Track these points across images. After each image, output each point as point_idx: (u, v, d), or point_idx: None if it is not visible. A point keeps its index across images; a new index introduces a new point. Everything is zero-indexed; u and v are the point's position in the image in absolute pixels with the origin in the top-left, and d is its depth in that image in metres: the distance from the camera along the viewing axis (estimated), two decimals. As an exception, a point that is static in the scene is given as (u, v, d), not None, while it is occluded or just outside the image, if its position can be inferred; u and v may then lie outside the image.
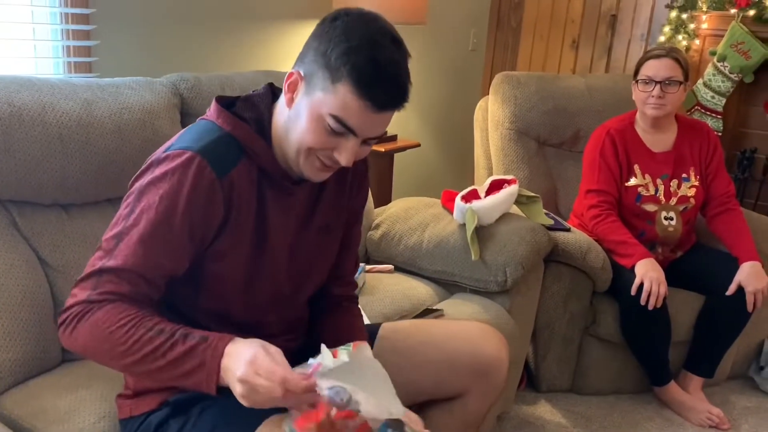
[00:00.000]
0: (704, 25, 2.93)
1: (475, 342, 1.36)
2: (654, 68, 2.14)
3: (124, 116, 1.55)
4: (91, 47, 2.09)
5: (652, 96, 2.13)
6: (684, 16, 2.92)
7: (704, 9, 2.88)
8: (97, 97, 1.53)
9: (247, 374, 0.94)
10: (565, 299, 2.14)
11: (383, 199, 2.70)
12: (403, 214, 2.13)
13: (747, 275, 2.06)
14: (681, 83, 2.13)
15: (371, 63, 0.99)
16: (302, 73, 1.05)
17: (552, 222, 2.09)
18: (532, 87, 2.59)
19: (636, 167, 2.21)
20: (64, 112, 1.45)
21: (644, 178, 2.20)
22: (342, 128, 1.03)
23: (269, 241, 1.15)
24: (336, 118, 1.02)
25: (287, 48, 2.70)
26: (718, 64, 2.83)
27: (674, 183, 2.21)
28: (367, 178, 1.34)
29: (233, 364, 0.96)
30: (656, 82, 2.12)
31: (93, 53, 2.10)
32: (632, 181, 2.20)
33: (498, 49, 3.69)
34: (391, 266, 2.06)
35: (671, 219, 2.19)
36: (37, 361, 1.37)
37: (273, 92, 1.17)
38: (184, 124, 1.72)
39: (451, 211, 2.02)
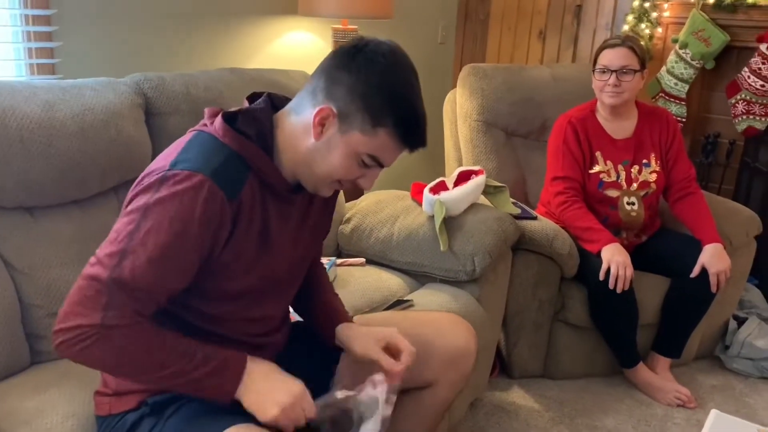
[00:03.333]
0: (666, 14, 2.98)
1: (444, 333, 1.39)
2: (609, 58, 2.18)
3: (86, 117, 1.54)
4: (54, 48, 2.07)
5: (609, 84, 2.18)
6: (647, 4, 2.96)
7: (666, -3, 2.93)
8: (59, 98, 1.53)
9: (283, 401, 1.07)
10: (534, 286, 2.17)
11: (355, 193, 2.71)
12: (374, 208, 2.15)
13: (710, 257, 2.11)
14: (636, 71, 2.18)
15: (413, 114, 1.08)
16: (335, 110, 1.07)
17: (519, 211, 2.12)
18: (498, 78, 2.62)
19: (598, 154, 2.25)
20: (25, 115, 1.44)
21: (606, 165, 2.25)
22: (374, 163, 1.11)
23: (272, 249, 1.17)
24: (373, 157, 1.10)
25: (252, 45, 2.70)
26: (680, 52, 2.88)
27: (635, 169, 2.26)
28: None
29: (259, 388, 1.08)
30: (612, 71, 2.17)
31: (56, 54, 2.09)
32: (595, 168, 2.24)
33: (467, 41, 3.72)
34: (362, 259, 2.08)
35: (633, 204, 2.24)
36: (5, 363, 1.37)
37: (272, 103, 1.18)
38: (148, 124, 1.72)
39: (420, 203, 2.04)
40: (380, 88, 1.06)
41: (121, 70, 1.93)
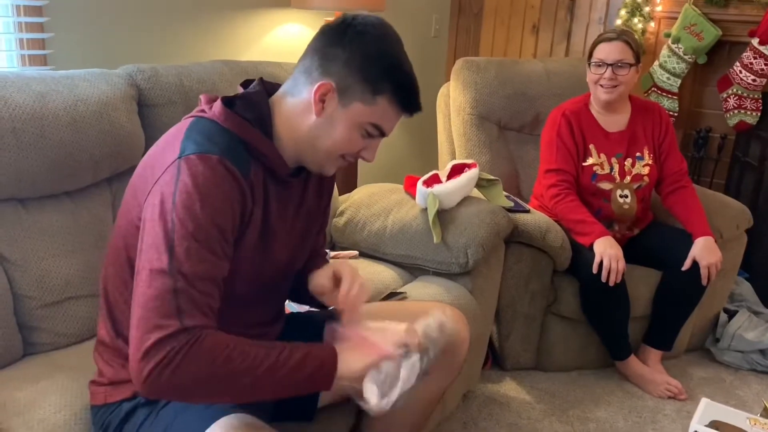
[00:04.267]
0: (659, 8, 3.00)
1: None
2: (605, 51, 2.19)
3: (79, 108, 1.53)
4: (46, 40, 2.06)
5: (604, 78, 2.19)
6: (639, -1, 2.97)
7: (658, -8, 2.94)
8: (51, 89, 1.52)
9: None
10: (526, 279, 2.18)
11: (348, 185, 2.71)
12: (367, 201, 2.15)
13: (701, 250, 2.12)
14: (632, 65, 2.19)
15: (409, 80, 1.12)
16: (334, 85, 1.10)
17: (512, 204, 2.13)
18: (492, 72, 2.62)
19: (591, 147, 2.26)
20: (17, 105, 1.44)
21: (599, 158, 2.26)
22: (377, 132, 1.14)
23: (273, 234, 1.18)
24: (375, 125, 1.13)
25: (245, 37, 2.69)
26: (673, 46, 2.89)
27: (628, 162, 2.27)
28: None
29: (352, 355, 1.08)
30: (607, 65, 2.18)
31: (48, 46, 2.07)
32: (589, 161, 2.25)
33: (460, 35, 3.72)
34: (355, 252, 2.09)
35: (626, 197, 2.25)
36: (-2, 355, 1.37)
37: (265, 88, 1.18)
38: (141, 115, 1.72)
39: (413, 196, 2.04)
40: (376, 58, 1.09)
41: (113, 62, 1.92)
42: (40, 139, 1.46)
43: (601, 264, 2.05)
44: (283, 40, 2.86)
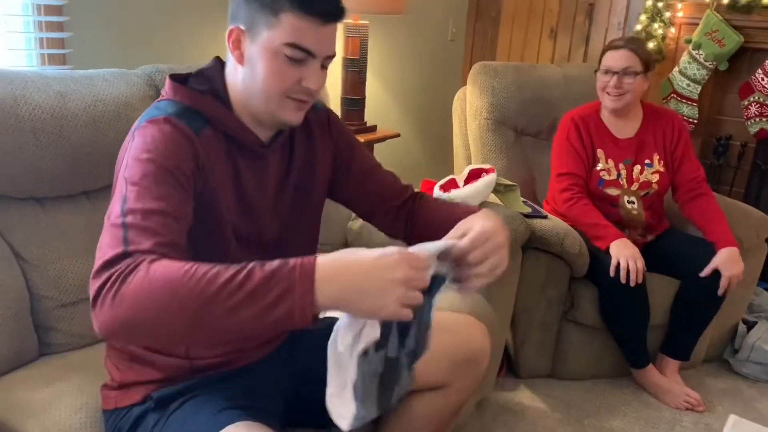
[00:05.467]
0: (680, 14, 2.97)
1: (460, 334, 1.36)
2: (612, 59, 2.20)
3: (98, 108, 1.53)
4: (65, 39, 2.07)
5: (610, 86, 2.20)
6: (660, 4, 2.94)
7: (679, -3, 2.91)
8: (71, 89, 1.52)
9: (381, 252, 0.88)
10: (543, 285, 2.16)
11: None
12: (383, 204, 2.13)
13: (725, 260, 2.09)
14: (638, 73, 2.18)
15: None
16: (241, 26, 1.09)
17: (529, 210, 2.11)
18: (509, 77, 2.60)
19: (600, 152, 2.26)
20: (37, 105, 1.43)
21: (607, 163, 2.26)
22: (300, 53, 1.06)
23: (252, 209, 1.16)
24: (291, 45, 1.05)
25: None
26: (693, 52, 2.86)
27: (637, 168, 2.26)
28: (337, 123, 1.34)
29: (338, 268, 0.87)
30: (614, 73, 2.18)
31: (67, 45, 2.08)
32: (598, 166, 2.25)
33: (477, 38, 3.70)
34: (370, 256, 2.07)
35: (633, 203, 2.24)
36: (14, 355, 1.36)
37: (221, 64, 1.19)
38: (159, 116, 1.71)
39: (429, 201, 2.03)
40: None
41: (132, 61, 1.92)
42: (59, 138, 1.46)
43: (618, 267, 2.03)
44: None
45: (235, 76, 1.13)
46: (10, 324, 1.35)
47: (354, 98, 2.78)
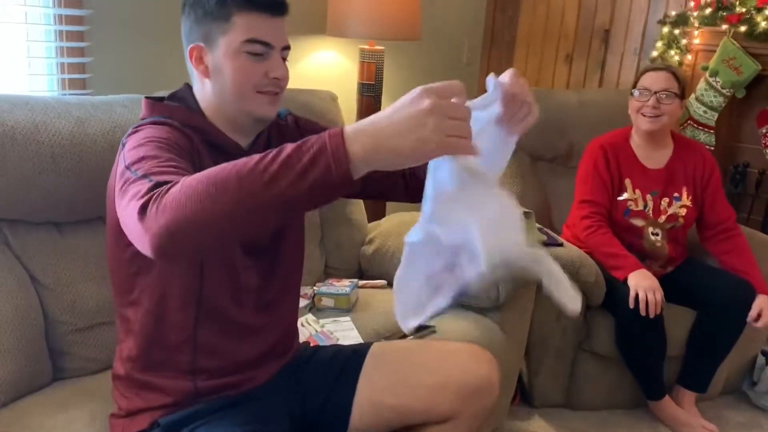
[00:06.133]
0: (696, 41, 2.95)
1: (466, 366, 1.35)
2: (652, 79, 2.18)
3: (117, 134, 1.55)
4: (86, 64, 2.10)
5: (647, 106, 2.16)
6: (676, 31, 2.94)
7: (696, 25, 2.90)
8: (90, 115, 1.54)
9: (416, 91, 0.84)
10: (558, 314, 2.14)
11: (377, 213, 2.70)
12: (397, 229, 2.14)
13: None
14: (677, 96, 2.16)
15: None
16: (199, 43, 1.15)
17: (545, 238, 2.10)
18: (525, 102, 2.60)
19: (627, 182, 2.23)
20: (57, 131, 1.45)
21: (635, 193, 2.22)
22: (259, 46, 1.13)
23: None
24: (248, 41, 1.12)
25: (282, 63, 2.71)
26: (710, 80, 2.84)
27: (665, 201, 2.23)
28: (305, 120, 1.37)
29: (364, 123, 0.85)
30: (653, 92, 2.16)
31: (87, 70, 2.11)
32: (624, 196, 2.22)
33: (492, 63, 3.71)
34: (384, 281, 2.07)
35: (657, 234, 2.21)
36: (28, 379, 1.37)
37: (190, 88, 1.24)
38: (177, 142, 1.73)
39: (444, 227, 2.02)
40: None
41: (151, 86, 1.94)
42: (78, 164, 1.47)
43: (637, 298, 2.00)
44: (318, 67, 2.87)
45: (204, 90, 1.18)
46: (25, 348, 1.36)
47: (369, 122, 2.78)
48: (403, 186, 1.37)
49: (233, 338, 1.20)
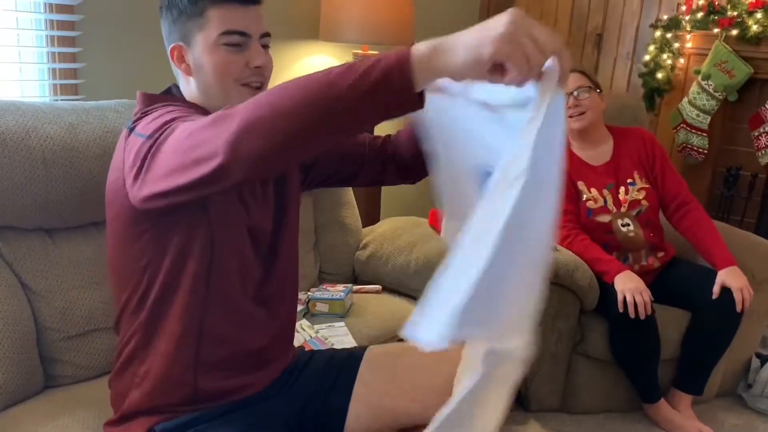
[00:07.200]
0: (688, 44, 2.97)
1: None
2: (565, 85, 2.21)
3: (108, 140, 1.54)
4: (77, 69, 2.09)
5: (569, 108, 2.23)
6: (668, 35, 2.95)
7: (688, 29, 2.91)
8: (82, 120, 1.53)
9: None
10: (553, 318, 2.14)
11: (371, 218, 2.69)
12: (391, 234, 2.13)
13: (727, 276, 2.08)
14: (590, 88, 2.24)
15: None
16: (178, 42, 1.17)
17: (539, 241, 2.09)
18: (518, 106, 2.61)
19: (580, 184, 2.26)
20: (48, 136, 1.44)
21: (590, 192, 2.25)
22: (236, 37, 1.13)
23: (245, 198, 1.18)
24: (225, 33, 1.13)
25: (274, 68, 2.70)
26: (703, 83, 2.86)
27: (621, 190, 2.26)
28: None
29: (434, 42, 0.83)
30: (569, 95, 2.22)
31: (79, 75, 2.10)
32: (583, 198, 2.24)
33: (486, 67, 3.72)
34: (378, 286, 2.06)
35: (628, 225, 2.23)
36: (20, 387, 1.35)
37: (179, 89, 1.25)
38: (169, 147, 1.72)
39: (438, 231, 2.02)
40: None
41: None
42: (69, 170, 1.46)
43: (625, 301, 2.01)
44: (312, 71, 2.87)
45: (190, 89, 1.20)
46: (16, 356, 1.35)
47: (363, 127, 2.78)
48: (393, 169, 1.38)
49: (236, 326, 1.19)
